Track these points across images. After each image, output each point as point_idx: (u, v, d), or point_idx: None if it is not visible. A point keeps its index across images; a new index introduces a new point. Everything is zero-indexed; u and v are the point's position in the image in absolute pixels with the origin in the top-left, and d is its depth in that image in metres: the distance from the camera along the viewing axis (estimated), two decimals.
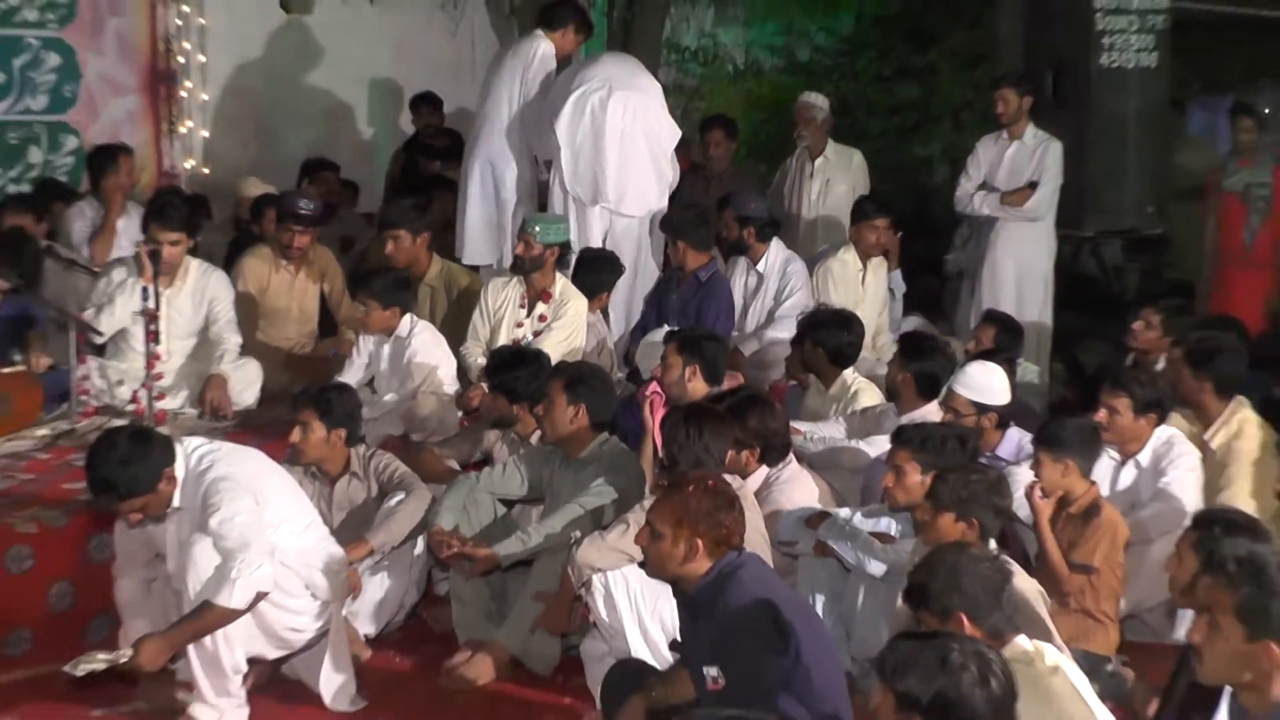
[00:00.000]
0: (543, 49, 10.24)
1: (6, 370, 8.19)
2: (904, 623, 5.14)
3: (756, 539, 5.99)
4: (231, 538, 5.80)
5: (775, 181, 11.98)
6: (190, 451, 6.09)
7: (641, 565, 5.63)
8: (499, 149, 10.10)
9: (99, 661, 5.75)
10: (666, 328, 8.52)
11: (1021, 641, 4.82)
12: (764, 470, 6.98)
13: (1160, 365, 8.29)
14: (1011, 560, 5.54)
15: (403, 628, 7.16)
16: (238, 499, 5.89)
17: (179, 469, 6.00)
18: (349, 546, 6.60)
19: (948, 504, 5.70)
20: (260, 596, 5.87)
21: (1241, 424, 7.49)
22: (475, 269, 10.04)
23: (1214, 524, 5.39)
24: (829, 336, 8.35)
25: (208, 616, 5.77)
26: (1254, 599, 4.15)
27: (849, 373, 8.28)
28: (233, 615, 5.79)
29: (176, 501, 6.02)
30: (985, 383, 7.44)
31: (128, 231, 9.35)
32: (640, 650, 5.99)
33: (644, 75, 10.26)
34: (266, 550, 5.88)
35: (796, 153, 11.83)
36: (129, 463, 5.86)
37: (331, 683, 6.33)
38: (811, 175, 11.59)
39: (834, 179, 11.50)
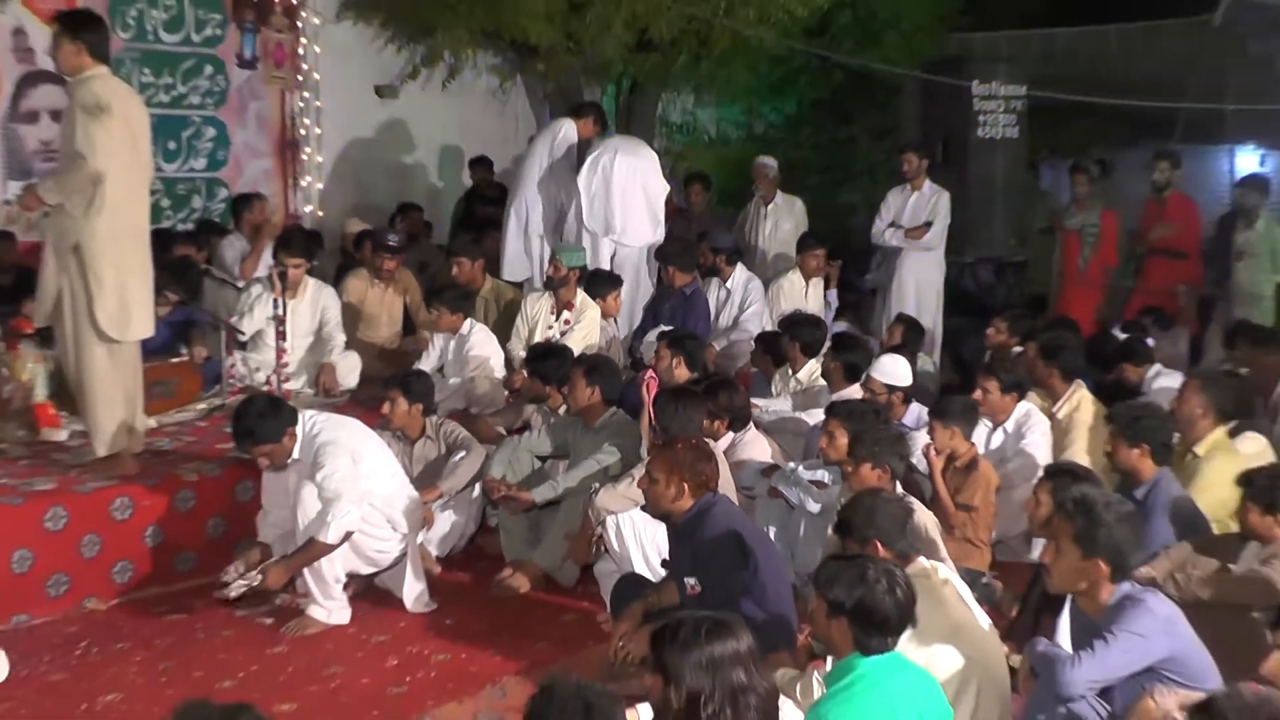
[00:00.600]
0: (568, 129, 10.22)
1: (175, 361, 8.20)
2: (834, 548, 5.16)
3: (726, 486, 6.02)
4: (329, 489, 5.91)
5: (739, 221, 11.92)
6: (308, 419, 6.17)
7: (643, 507, 5.68)
8: (531, 198, 10.08)
9: (242, 586, 5.95)
10: (660, 329, 8.55)
11: (921, 561, 4.85)
12: (730, 434, 6.99)
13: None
14: (914, 500, 5.58)
15: (463, 551, 7.19)
16: (337, 458, 5.98)
17: (299, 430, 6.07)
18: (424, 491, 6.66)
19: (865, 456, 5.79)
20: (349, 534, 5.97)
21: (1080, 401, 7.52)
22: (516, 285, 10.02)
23: (1064, 474, 5.42)
24: (805, 333, 8.38)
25: (313, 549, 5.92)
26: (1086, 528, 4.24)
27: (814, 361, 8.26)
28: (330, 548, 5.94)
29: (295, 454, 6.08)
30: (894, 370, 7.50)
31: (264, 258, 9.36)
32: (640, 569, 6.02)
33: (644, 147, 10.24)
34: (355, 498, 5.97)
35: (754, 200, 11.77)
36: (265, 417, 6.02)
37: (411, 590, 6.38)
38: (765, 217, 11.53)
39: (782, 220, 11.45)
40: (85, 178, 6.24)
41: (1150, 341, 8.68)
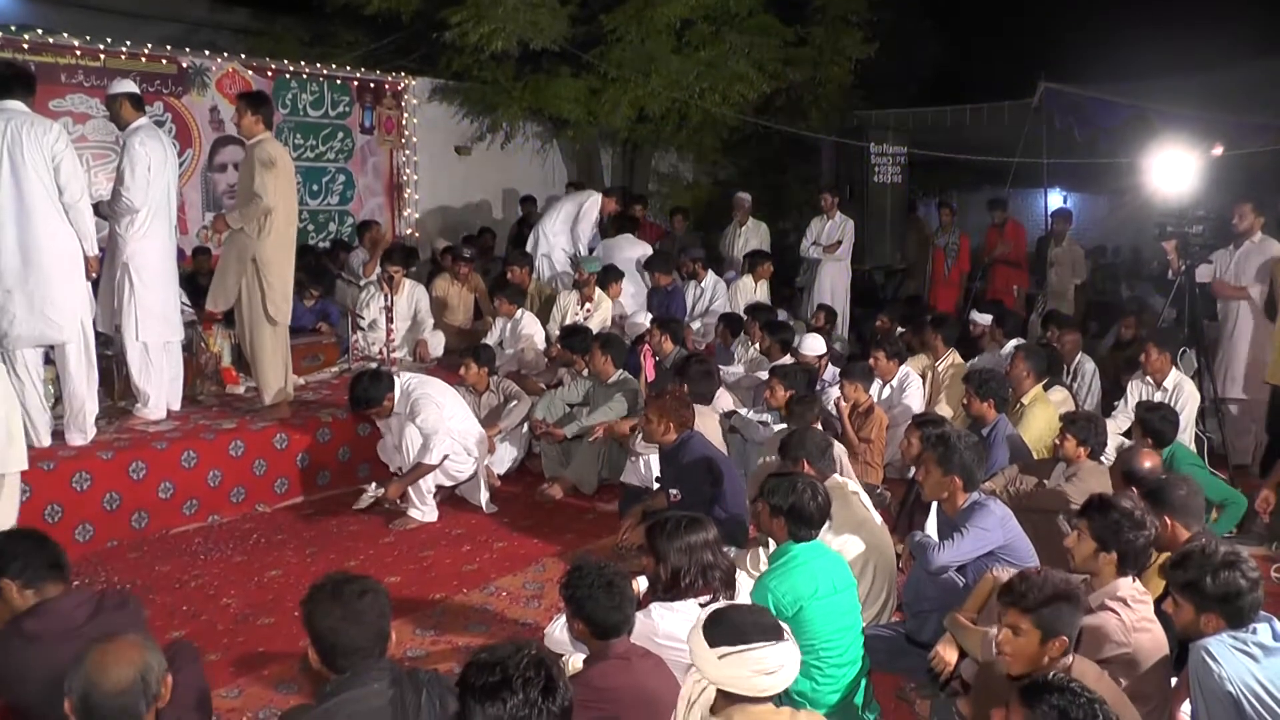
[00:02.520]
0: (594, 197, 10.04)
1: (323, 341, 8.19)
2: (774, 468, 5.12)
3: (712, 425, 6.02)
4: (428, 428, 5.90)
5: (722, 238, 11.71)
6: (404, 381, 6.12)
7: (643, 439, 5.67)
8: (549, 230, 9.91)
9: (369, 499, 5.99)
10: (645, 312, 8.49)
11: (835, 477, 4.83)
12: None
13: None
14: (829, 436, 5.54)
15: (516, 470, 7.12)
16: (429, 407, 5.96)
17: (396, 393, 6.03)
18: (488, 428, 6.62)
19: (812, 417, 5.81)
20: (445, 457, 5.95)
21: (953, 360, 7.57)
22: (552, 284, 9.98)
23: (927, 423, 5.36)
24: (762, 316, 8.26)
25: (420, 469, 5.93)
26: (945, 454, 4.23)
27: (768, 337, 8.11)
28: (431, 468, 5.94)
29: (396, 409, 6.04)
30: (815, 345, 7.46)
31: (377, 265, 9.27)
32: (648, 483, 5.98)
33: (632, 244, 9.93)
34: (445, 433, 5.95)
35: (733, 223, 11.48)
36: (369, 387, 5.98)
37: (481, 497, 6.35)
38: (739, 235, 11.20)
39: (750, 238, 11.18)
40: (260, 210, 6.22)
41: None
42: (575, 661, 3.55)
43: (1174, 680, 3.51)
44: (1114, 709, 2.91)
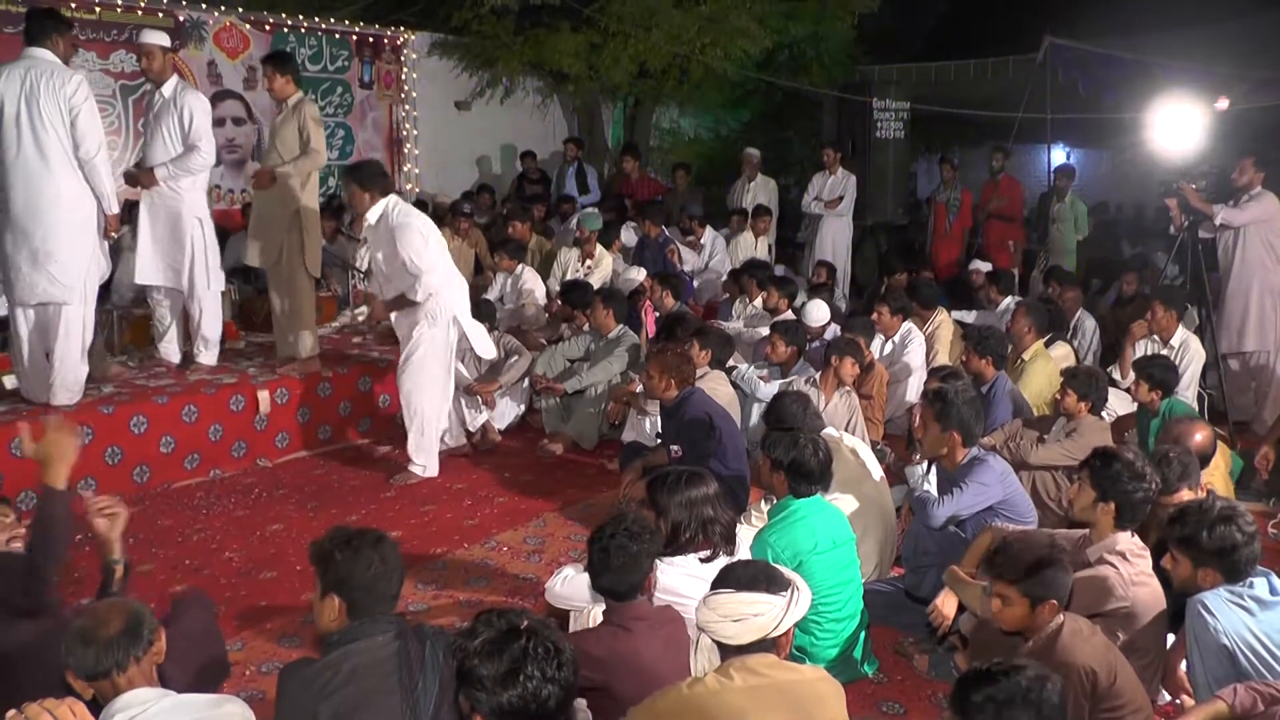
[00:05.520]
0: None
1: (322, 295, 8.12)
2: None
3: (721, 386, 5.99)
4: (414, 266, 5.75)
5: (731, 193, 11.57)
6: (392, 203, 5.92)
7: (643, 395, 5.67)
8: None
9: (359, 314, 6.35)
10: (640, 269, 8.42)
11: (830, 431, 4.82)
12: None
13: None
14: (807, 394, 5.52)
15: (517, 425, 7.12)
16: (414, 239, 5.77)
17: (381, 205, 5.83)
18: (488, 384, 6.64)
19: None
20: (430, 295, 5.83)
21: (942, 321, 7.50)
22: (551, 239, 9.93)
23: (947, 375, 5.32)
24: (761, 273, 8.20)
25: (402, 300, 5.84)
26: (941, 410, 4.20)
27: (763, 293, 7.98)
28: (416, 304, 5.82)
29: (372, 220, 5.82)
30: (818, 315, 7.31)
31: None
32: (648, 440, 5.96)
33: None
34: (430, 269, 5.80)
35: (741, 178, 11.36)
36: (368, 175, 5.87)
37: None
38: (748, 190, 11.08)
39: (759, 193, 11.07)
40: (315, 165, 6.29)
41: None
42: (595, 613, 3.53)
43: (1171, 638, 3.53)
44: (1109, 661, 2.94)
